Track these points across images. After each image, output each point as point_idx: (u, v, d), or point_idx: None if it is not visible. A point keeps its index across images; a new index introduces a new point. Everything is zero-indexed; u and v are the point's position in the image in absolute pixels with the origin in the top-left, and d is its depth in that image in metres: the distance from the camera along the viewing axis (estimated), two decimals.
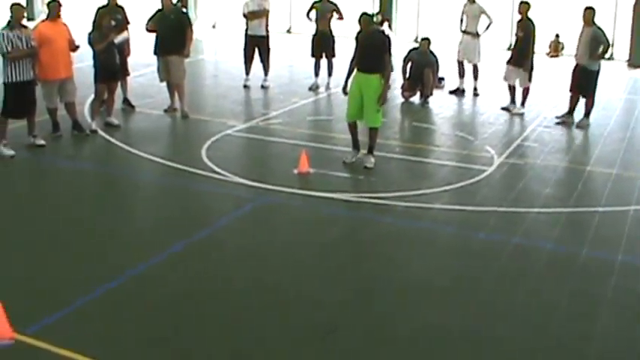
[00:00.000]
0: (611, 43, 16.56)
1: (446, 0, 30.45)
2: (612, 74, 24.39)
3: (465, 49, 20.07)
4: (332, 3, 20.20)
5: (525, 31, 17.48)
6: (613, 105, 19.57)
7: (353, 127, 13.69)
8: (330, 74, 20.43)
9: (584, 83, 16.94)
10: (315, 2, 20.35)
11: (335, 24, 20.22)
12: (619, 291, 9.29)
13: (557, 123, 17.05)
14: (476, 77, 20.20)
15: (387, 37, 13.76)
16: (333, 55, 20.39)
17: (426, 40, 19.51)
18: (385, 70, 13.38)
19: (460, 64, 20.18)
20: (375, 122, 13.48)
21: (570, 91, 17.26)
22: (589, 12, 16.69)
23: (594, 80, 16.88)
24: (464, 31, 20.14)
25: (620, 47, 27.15)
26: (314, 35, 20.52)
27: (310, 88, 20.31)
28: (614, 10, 27.61)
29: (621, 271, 9.80)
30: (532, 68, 17.75)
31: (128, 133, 15.89)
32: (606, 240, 10.80)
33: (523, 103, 17.99)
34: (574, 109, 17.16)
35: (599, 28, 16.62)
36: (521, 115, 17.80)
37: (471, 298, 9.05)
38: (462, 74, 20.21)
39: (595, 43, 16.52)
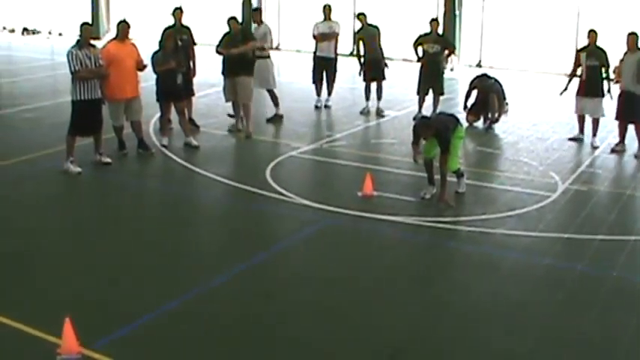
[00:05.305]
0: None
1: (509, 24, 30.30)
2: None
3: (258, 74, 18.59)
4: (374, 27, 20.32)
5: (599, 59, 17.20)
6: None
7: (430, 165, 13.40)
8: (379, 98, 20.45)
9: (631, 110, 16.58)
10: (358, 31, 20.57)
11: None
12: None
13: (612, 152, 16.82)
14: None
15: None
16: (383, 78, 20.46)
17: (482, 76, 19.66)
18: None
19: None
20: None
21: (616, 119, 16.98)
22: (632, 37, 16.40)
23: None
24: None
25: None
26: (364, 60, 20.55)
27: (362, 112, 20.32)
28: None
29: None
30: (602, 96, 17.43)
31: (192, 152, 15.98)
32: None
33: (595, 134, 17.49)
34: (624, 136, 16.91)
35: None
36: (597, 147, 17.24)
37: (535, 324, 8.97)
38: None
39: None
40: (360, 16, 20.34)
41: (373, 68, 20.31)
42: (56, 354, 7.83)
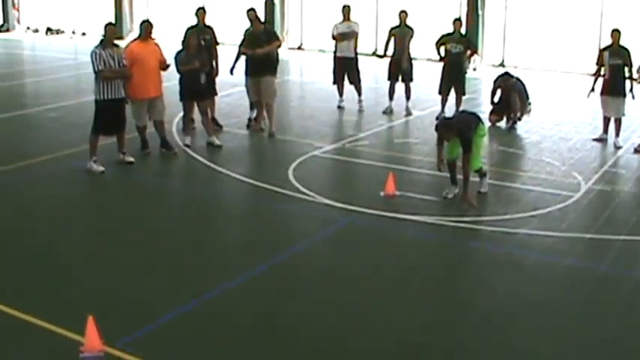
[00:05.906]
0: None
1: (532, 24, 30.23)
2: None
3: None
4: (409, 27, 20.26)
5: (622, 58, 17.12)
6: None
7: (452, 165, 13.37)
8: (407, 98, 20.37)
9: None
10: (393, 28, 20.43)
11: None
12: None
13: (635, 152, 16.73)
14: None
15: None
16: (411, 79, 20.42)
17: (505, 75, 19.61)
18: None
19: None
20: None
21: None
22: None
23: None
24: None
25: None
26: (390, 58, 20.59)
27: (384, 112, 20.29)
28: None
29: None
30: (625, 96, 17.34)
31: (215, 151, 16.04)
32: None
33: (618, 134, 17.39)
34: None
35: None
36: (620, 147, 17.12)
37: (556, 324, 8.94)
38: None
39: None
40: (402, 14, 20.24)
41: (397, 68, 20.29)
42: (79, 352, 7.89)
